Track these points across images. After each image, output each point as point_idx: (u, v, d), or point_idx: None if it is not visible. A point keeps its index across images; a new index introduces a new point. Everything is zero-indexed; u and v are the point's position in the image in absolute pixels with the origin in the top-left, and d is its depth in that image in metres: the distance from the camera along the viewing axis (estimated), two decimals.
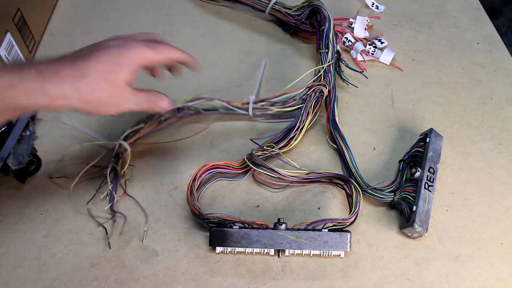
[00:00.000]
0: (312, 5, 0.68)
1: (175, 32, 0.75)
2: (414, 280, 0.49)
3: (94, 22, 0.77)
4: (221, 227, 0.49)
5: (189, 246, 0.51)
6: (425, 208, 0.50)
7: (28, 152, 0.57)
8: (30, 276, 0.48)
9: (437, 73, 0.69)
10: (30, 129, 0.59)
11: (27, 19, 0.68)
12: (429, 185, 0.52)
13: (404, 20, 0.78)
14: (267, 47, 0.73)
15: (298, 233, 0.49)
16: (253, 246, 0.48)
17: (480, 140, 0.61)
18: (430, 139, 0.55)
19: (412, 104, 0.65)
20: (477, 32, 0.76)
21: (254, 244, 0.48)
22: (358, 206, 0.51)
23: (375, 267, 0.49)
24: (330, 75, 0.62)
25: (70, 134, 0.61)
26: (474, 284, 0.48)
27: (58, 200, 0.54)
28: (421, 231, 0.49)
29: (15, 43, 0.65)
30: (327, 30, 0.65)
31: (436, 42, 0.74)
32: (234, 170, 0.55)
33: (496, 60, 0.71)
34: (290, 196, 0.55)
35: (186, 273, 0.49)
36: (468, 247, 0.51)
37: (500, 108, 0.65)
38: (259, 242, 0.48)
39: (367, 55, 0.71)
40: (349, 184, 0.53)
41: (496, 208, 0.54)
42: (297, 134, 0.57)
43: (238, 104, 0.59)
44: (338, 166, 0.58)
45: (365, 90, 0.67)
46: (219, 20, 0.77)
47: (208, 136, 0.61)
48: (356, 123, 0.62)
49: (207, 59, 0.71)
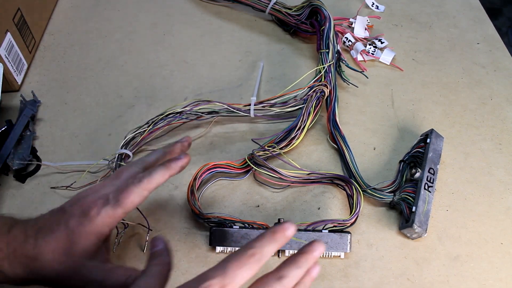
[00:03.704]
0: (312, 5, 0.68)
1: (175, 32, 0.75)
2: (414, 280, 0.49)
3: (94, 22, 0.77)
4: (221, 227, 0.49)
5: (189, 246, 0.51)
6: (425, 209, 0.50)
7: (28, 152, 0.57)
8: None
9: (437, 73, 0.69)
10: (30, 129, 0.59)
11: (27, 19, 0.68)
12: (429, 186, 0.52)
13: (404, 20, 0.78)
14: (267, 47, 0.73)
15: (298, 233, 0.49)
16: None
17: (480, 140, 0.61)
18: (430, 139, 0.55)
19: (412, 104, 0.65)
20: (477, 32, 0.76)
21: None
22: (359, 207, 0.51)
23: (375, 267, 0.49)
24: (331, 75, 0.62)
25: (70, 134, 0.61)
26: (474, 284, 0.48)
27: (58, 200, 0.54)
28: (420, 232, 0.49)
29: (15, 43, 0.65)
30: (328, 30, 0.65)
31: (436, 42, 0.74)
32: (235, 170, 0.55)
33: (496, 60, 0.71)
34: (290, 196, 0.55)
35: (186, 273, 0.49)
36: (468, 247, 0.51)
37: (500, 108, 0.65)
38: None
39: (367, 55, 0.71)
40: (350, 185, 0.53)
41: (496, 208, 0.54)
42: (298, 134, 0.57)
43: (239, 106, 0.59)
44: (338, 166, 0.58)
45: (365, 90, 0.67)
46: (219, 20, 0.77)
47: (209, 137, 0.61)
48: (356, 123, 0.62)
49: (207, 59, 0.71)
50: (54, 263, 0.36)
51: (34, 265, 0.36)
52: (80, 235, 0.37)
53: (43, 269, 0.36)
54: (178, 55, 0.72)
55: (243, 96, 0.66)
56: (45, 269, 0.36)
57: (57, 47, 0.73)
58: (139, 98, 0.65)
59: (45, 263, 0.36)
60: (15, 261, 0.36)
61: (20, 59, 0.67)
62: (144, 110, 0.64)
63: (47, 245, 0.36)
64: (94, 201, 0.38)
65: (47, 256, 0.36)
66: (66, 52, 0.72)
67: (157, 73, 0.69)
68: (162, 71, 0.69)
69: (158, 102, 0.65)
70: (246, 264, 0.31)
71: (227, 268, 0.31)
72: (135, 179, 0.40)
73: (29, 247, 0.36)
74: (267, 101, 0.60)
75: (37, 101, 0.64)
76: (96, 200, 0.38)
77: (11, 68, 0.64)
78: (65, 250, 0.36)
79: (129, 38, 0.74)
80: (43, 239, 0.36)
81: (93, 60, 0.71)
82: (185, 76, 0.69)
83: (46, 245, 0.36)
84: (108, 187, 0.40)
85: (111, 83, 0.67)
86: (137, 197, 0.39)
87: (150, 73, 0.69)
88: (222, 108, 0.59)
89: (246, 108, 0.59)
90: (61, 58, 0.71)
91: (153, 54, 0.72)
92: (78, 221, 0.37)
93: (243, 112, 0.59)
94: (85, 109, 0.64)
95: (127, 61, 0.71)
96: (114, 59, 0.71)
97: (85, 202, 0.38)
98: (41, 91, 0.66)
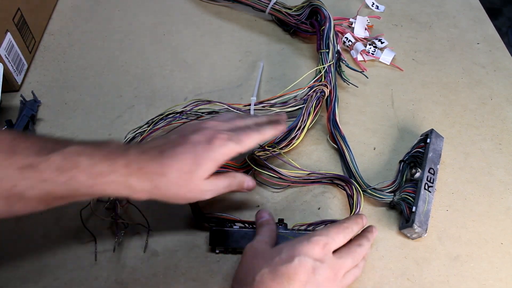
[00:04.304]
0: (312, 5, 0.69)
1: (175, 32, 0.75)
2: (414, 280, 0.49)
3: (94, 22, 0.77)
4: (221, 227, 0.49)
5: (189, 246, 0.51)
6: (425, 209, 0.50)
7: None
8: (30, 276, 0.48)
9: (437, 73, 0.69)
10: (30, 129, 0.59)
11: (27, 19, 0.68)
12: (429, 186, 0.52)
13: (404, 20, 0.78)
14: (267, 47, 0.73)
15: (298, 233, 0.49)
16: None
17: (480, 140, 0.61)
18: (430, 139, 0.55)
19: (412, 104, 0.65)
20: (477, 32, 0.76)
21: None
22: (359, 207, 0.51)
23: (375, 267, 0.49)
24: (331, 75, 0.62)
25: (70, 134, 0.61)
26: (474, 284, 0.48)
27: None
28: (420, 232, 0.49)
29: (15, 43, 0.65)
30: (328, 30, 0.65)
31: (436, 42, 0.74)
32: (235, 169, 0.55)
33: (496, 60, 0.71)
34: (290, 196, 0.55)
35: (186, 273, 0.49)
36: (468, 247, 0.51)
37: (500, 108, 0.65)
38: None
39: (367, 55, 0.71)
40: (350, 185, 0.53)
41: (496, 208, 0.54)
42: (298, 134, 0.57)
43: (239, 106, 0.59)
44: (338, 166, 0.58)
45: (365, 90, 0.67)
46: (219, 20, 0.77)
47: None
48: (356, 123, 0.62)
49: (207, 59, 0.71)
50: (179, 180, 0.41)
51: (160, 181, 0.40)
52: (204, 159, 0.41)
53: (168, 184, 0.41)
54: (178, 55, 0.72)
55: (243, 96, 0.66)
56: (170, 184, 0.41)
57: (57, 47, 0.73)
58: (139, 98, 0.65)
59: (171, 179, 0.40)
60: (142, 177, 0.40)
61: (20, 59, 0.67)
62: (144, 110, 0.64)
63: (174, 164, 0.41)
64: (218, 133, 0.43)
65: (174, 174, 0.40)
66: (66, 52, 0.72)
67: (157, 73, 0.69)
68: (162, 71, 0.69)
69: (158, 102, 0.65)
70: (342, 232, 0.43)
71: (330, 232, 0.43)
72: (254, 128, 0.46)
73: (156, 165, 0.40)
74: (267, 101, 0.60)
75: (37, 101, 0.64)
76: (220, 133, 0.43)
77: (11, 68, 0.64)
78: (189, 170, 0.41)
79: (129, 38, 0.74)
80: (170, 158, 0.41)
81: (93, 60, 0.71)
82: (185, 76, 0.69)
83: (174, 164, 0.41)
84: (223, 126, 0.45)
85: (111, 83, 0.67)
86: (253, 142, 0.45)
87: (150, 73, 0.69)
88: (222, 108, 0.59)
89: (246, 108, 0.59)
90: (61, 58, 0.71)
91: (153, 54, 0.72)
92: (203, 147, 0.42)
93: (243, 112, 0.59)
94: (85, 109, 0.64)
95: (127, 61, 0.71)
96: (114, 59, 0.71)
97: (209, 133, 0.43)
98: (41, 91, 0.66)
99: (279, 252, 0.41)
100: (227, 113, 0.55)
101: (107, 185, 0.39)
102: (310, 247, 0.41)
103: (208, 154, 0.42)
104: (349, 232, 0.44)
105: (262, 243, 0.44)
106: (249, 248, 0.44)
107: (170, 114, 0.58)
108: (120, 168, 0.39)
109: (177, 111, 0.58)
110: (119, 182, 0.39)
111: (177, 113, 0.58)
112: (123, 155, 0.40)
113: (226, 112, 0.58)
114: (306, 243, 0.41)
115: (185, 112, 0.58)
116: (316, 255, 0.40)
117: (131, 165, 0.39)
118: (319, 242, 0.41)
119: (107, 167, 0.39)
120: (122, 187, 0.40)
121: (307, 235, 0.42)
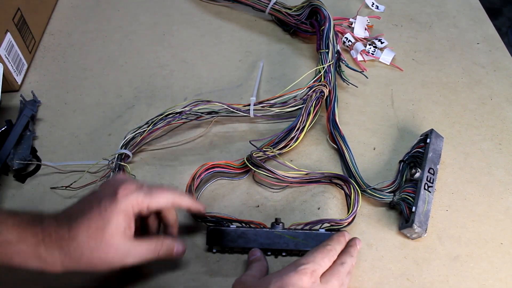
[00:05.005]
0: (312, 5, 0.68)
1: (175, 32, 0.75)
2: (414, 280, 0.49)
3: (94, 22, 0.77)
4: (218, 226, 0.49)
5: (189, 246, 0.51)
6: (425, 209, 0.50)
7: (28, 152, 0.57)
8: (31, 276, 0.48)
9: (437, 73, 0.69)
10: (30, 129, 0.59)
11: (27, 19, 0.68)
12: (429, 186, 0.52)
13: (404, 20, 0.78)
14: (267, 47, 0.73)
15: (295, 232, 0.49)
16: (250, 245, 0.48)
17: (480, 140, 0.61)
18: (430, 140, 0.55)
19: (412, 104, 0.65)
20: (477, 32, 0.76)
21: (251, 243, 0.48)
22: (356, 207, 0.51)
23: (375, 267, 0.49)
24: (330, 75, 0.62)
25: (70, 134, 0.61)
26: (474, 284, 0.48)
27: (58, 200, 0.54)
28: (420, 232, 0.49)
29: (15, 43, 0.65)
30: (327, 30, 0.65)
31: (436, 42, 0.74)
32: (234, 170, 0.55)
33: (496, 60, 0.71)
34: (290, 196, 0.55)
35: (186, 273, 0.49)
36: (468, 247, 0.51)
37: (500, 108, 0.65)
38: (256, 242, 0.48)
39: (367, 55, 0.71)
40: (348, 185, 0.53)
41: (496, 208, 0.54)
42: (298, 134, 0.57)
43: (239, 107, 0.59)
44: (338, 166, 0.58)
45: (365, 90, 0.67)
46: (219, 20, 0.77)
47: (208, 137, 0.61)
48: (356, 123, 0.62)
49: (207, 59, 0.71)
50: (90, 241, 0.38)
51: (70, 246, 0.38)
52: (110, 213, 0.39)
53: (79, 249, 0.38)
54: (178, 55, 0.72)
55: (243, 96, 0.66)
56: (81, 248, 0.38)
57: (57, 47, 0.73)
58: (139, 98, 0.65)
59: (81, 243, 0.38)
60: (50, 244, 0.38)
61: (20, 59, 0.67)
62: (144, 110, 0.64)
63: (81, 225, 0.39)
64: (123, 184, 0.41)
65: (83, 235, 0.38)
66: (66, 52, 0.72)
67: (157, 73, 0.69)
68: (162, 71, 0.69)
69: (158, 102, 0.65)
70: (327, 256, 0.43)
71: (315, 258, 0.42)
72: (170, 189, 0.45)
73: (64, 230, 0.38)
74: (267, 101, 0.60)
75: (37, 101, 0.64)
76: (125, 183, 0.41)
77: (11, 68, 0.64)
78: (98, 227, 0.39)
79: (129, 38, 0.75)
80: (76, 221, 0.39)
81: (93, 60, 0.71)
82: (185, 76, 0.69)
83: (80, 225, 0.39)
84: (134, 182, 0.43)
85: (111, 83, 0.68)
86: (165, 199, 0.43)
87: (150, 73, 0.69)
88: (221, 108, 0.59)
89: (246, 108, 0.59)
90: (61, 58, 0.71)
91: (153, 54, 0.72)
92: (109, 200, 0.40)
93: (243, 112, 0.59)
94: (85, 109, 0.64)
95: (127, 61, 0.71)
96: (114, 59, 0.71)
97: (117, 185, 0.41)
98: (41, 91, 0.66)
99: (268, 283, 0.40)
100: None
101: (16, 254, 0.37)
102: (298, 278, 0.40)
103: (114, 206, 0.39)
104: (333, 254, 0.44)
105: (250, 276, 0.43)
106: (237, 282, 0.43)
107: (170, 114, 0.58)
108: (30, 237, 0.37)
109: (177, 111, 0.58)
110: (27, 252, 0.37)
111: (177, 113, 0.58)
112: (36, 224, 0.38)
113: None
114: (293, 274, 0.40)
115: (185, 112, 0.58)
116: (305, 285, 0.40)
117: (40, 234, 0.38)
118: (306, 272, 0.40)
119: (16, 236, 0.37)
120: (31, 258, 0.38)
121: (293, 264, 0.42)
